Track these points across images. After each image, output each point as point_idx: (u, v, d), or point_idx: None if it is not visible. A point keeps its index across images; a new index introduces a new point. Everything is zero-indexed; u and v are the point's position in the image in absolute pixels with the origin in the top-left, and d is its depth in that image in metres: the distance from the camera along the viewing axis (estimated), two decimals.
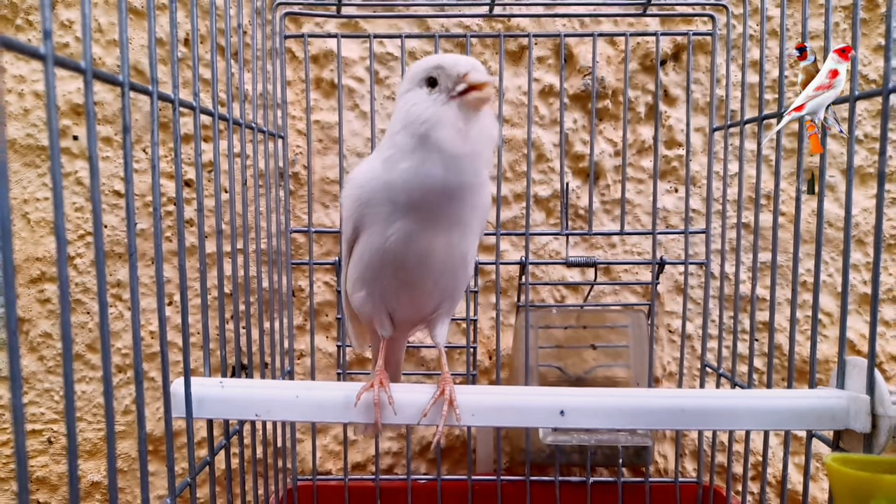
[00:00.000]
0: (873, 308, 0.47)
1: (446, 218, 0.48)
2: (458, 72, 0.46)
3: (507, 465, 0.83)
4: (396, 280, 0.50)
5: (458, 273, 0.51)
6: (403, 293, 0.51)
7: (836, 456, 0.42)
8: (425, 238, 0.48)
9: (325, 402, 0.50)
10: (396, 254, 0.48)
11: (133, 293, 0.38)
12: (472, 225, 0.50)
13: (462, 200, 0.47)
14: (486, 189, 0.51)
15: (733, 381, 0.67)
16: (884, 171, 0.45)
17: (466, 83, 0.46)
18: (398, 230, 0.48)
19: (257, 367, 0.77)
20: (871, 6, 0.78)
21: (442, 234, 0.48)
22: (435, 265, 0.49)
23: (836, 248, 0.80)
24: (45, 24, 0.28)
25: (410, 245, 0.48)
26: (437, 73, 0.47)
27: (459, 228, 0.49)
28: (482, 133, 0.47)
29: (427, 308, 0.53)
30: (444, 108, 0.46)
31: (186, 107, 0.46)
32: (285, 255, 0.72)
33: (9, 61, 0.76)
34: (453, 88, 0.46)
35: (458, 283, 0.52)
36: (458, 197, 0.47)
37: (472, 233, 0.51)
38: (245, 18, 0.73)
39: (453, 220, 0.48)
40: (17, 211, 0.78)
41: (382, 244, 0.48)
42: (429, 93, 0.47)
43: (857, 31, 0.49)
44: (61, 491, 0.82)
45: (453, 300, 0.53)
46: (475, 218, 0.50)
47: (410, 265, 0.49)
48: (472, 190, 0.48)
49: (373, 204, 0.48)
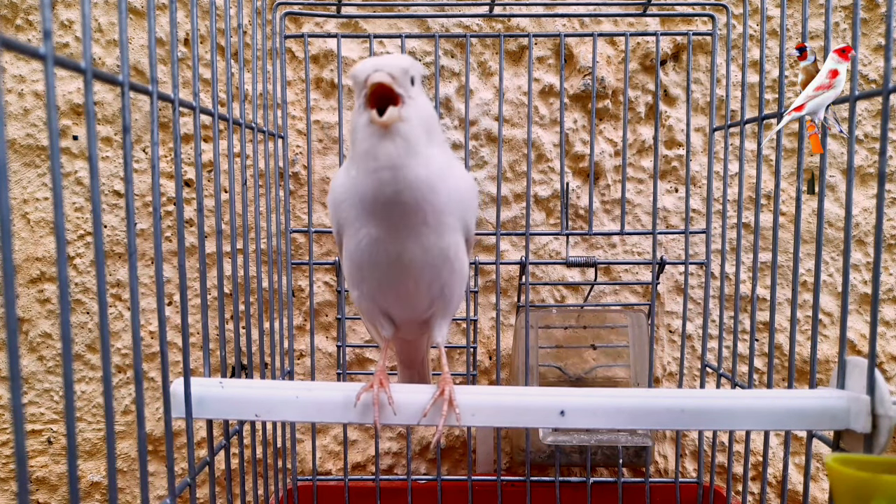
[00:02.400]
0: (874, 308, 0.46)
1: (403, 222, 0.46)
2: (361, 78, 0.45)
3: (507, 465, 0.83)
4: (377, 281, 0.50)
5: (440, 271, 0.49)
6: (389, 293, 0.51)
7: (837, 456, 0.42)
8: (392, 241, 0.47)
9: (324, 403, 0.49)
10: (370, 256, 0.48)
11: (133, 293, 0.38)
12: (446, 222, 0.48)
13: (410, 206, 0.46)
14: (454, 184, 0.48)
15: (733, 381, 0.67)
16: (884, 171, 0.45)
17: (367, 88, 0.44)
18: (365, 235, 0.48)
19: (257, 368, 0.77)
20: (871, 6, 0.78)
21: (409, 236, 0.47)
22: (411, 266, 0.48)
23: (837, 248, 0.80)
24: (45, 24, 0.28)
25: (379, 248, 0.48)
26: (351, 81, 0.47)
27: (431, 228, 0.47)
28: (396, 146, 0.44)
29: (419, 308, 0.52)
30: (360, 117, 0.45)
31: (186, 107, 0.46)
32: (285, 255, 0.72)
33: (9, 61, 0.76)
34: (361, 94, 0.45)
35: (448, 282, 0.51)
36: (399, 204, 0.45)
37: (449, 229, 0.48)
38: (245, 18, 0.73)
39: (416, 222, 0.47)
40: (17, 211, 0.78)
41: (357, 247, 0.48)
42: (356, 101, 0.46)
43: (857, 31, 0.49)
44: (61, 491, 0.82)
45: (446, 300, 0.52)
46: (448, 213, 0.48)
47: (383, 267, 0.49)
48: (418, 194, 0.45)
49: (343, 208, 0.48)
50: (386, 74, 0.44)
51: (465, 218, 0.50)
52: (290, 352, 0.73)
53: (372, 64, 0.45)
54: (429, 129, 0.46)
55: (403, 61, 0.45)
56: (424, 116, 0.46)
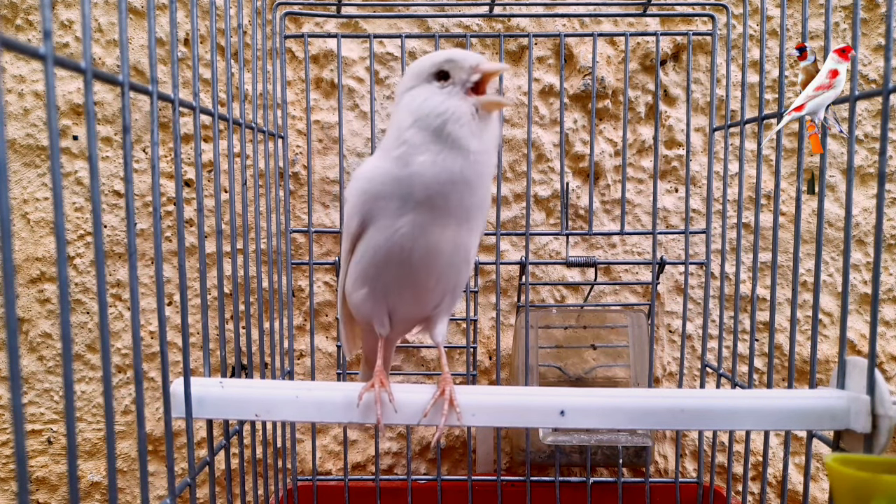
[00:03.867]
0: (873, 308, 0.47)
1: (457, 211, 0.48)
2: (470, 63, 0.46)
3: (507, 465, 0.83)
4: (400, 275, 0.50)
5: (460, 269, 0.51)
6: (406, 289, 0.51)
7: (837, 456, 0.42)
8: (434, 232, 0.48)
9: (324, 403, 0.49)
10: (403, 248, 0.48)
11: (133, 293, 0.38)
12: (478, 220, 0.50)
13: (475, 194, 0.48)
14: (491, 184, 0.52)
15: (733, 381, 0.67)
16: (884, 171, 0.45)
17: (480, 72, 0.46)
18: (408, 223, 0.47)
19: (257, 368, 0.77)
20: (871, 6, 0.78)
21: (450, 229, 0.48)
22: (440, 260, 0.49)
23: (837, 248, 0.80)
24: (45, 24, 0.28)
25: (418, 238, 0.48)
26: (448, 66, 0.47)
27: (467, 223, 0.49)
28: (491, 133, 0.48)
29: (429, 305, 0.53)
30: (460, 102, 0.46)
31: (186, 107, 0.46)
32: (285, 255, 0.72)
33: (9, 61, 0.76)
34: (468, 79, 0.47)
35: (460, 280, 0.52)
36: (472, 189, 0.47)
37: (476, 228, 0.51)
38: (245, 18, 0.74)
39: (463, 214, 0.48)
40: (17, 211, 0.78)
41: (390, 237, 0.48)
42: (441, 87, 0.47)
43: (857, 31, 0.49)
44: (61, 491, 0.82)
45: (454, 297, 0.54)
46: (481, 214, 0.51)
47: (416, 259, 0.49)
48: (483, 183, 0.48)
49: (382, 197, 0.48)
50: (495, 64, 0.47)
51: (485, 220, 0.52)
52: (290, 352, 0.73)
53: (474, 54, 0.47)
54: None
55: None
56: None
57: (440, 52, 0.49)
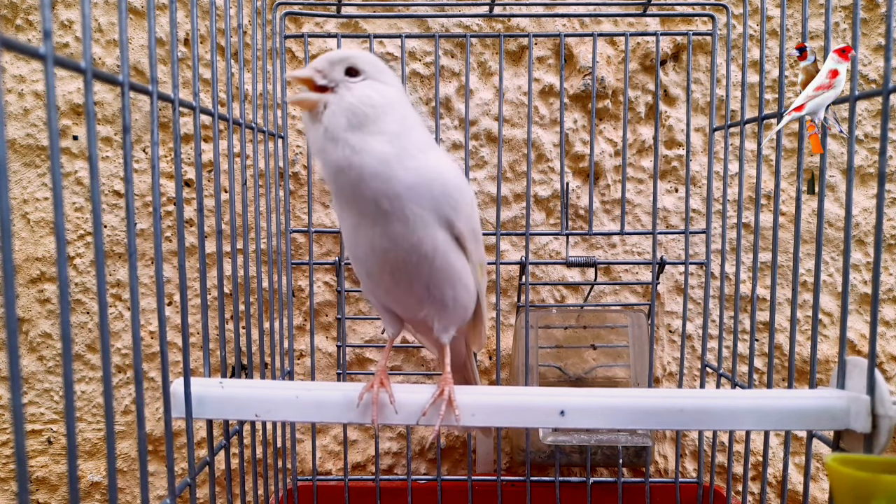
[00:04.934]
0: (874, 308, 0.46)
1: (368, 208, 0.46)
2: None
3: (507, 465, 0.83)
4: (366, 274, 0.51)
5: (420, 267, 0.48)
6: (378, 287, 0.52)
7: (837, 456, 0.42)
8: (364, 229, 0.48)
9: (324, 403, 0.50)
10: (351, 244, 0.50)
11: (133, 293, 0.38)
12: (413, 213, 0.46)
13: (371, 193, 0.45)
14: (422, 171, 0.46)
15: (733, 381, 0.67)
16: (884, 171, 0.45)
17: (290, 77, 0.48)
18: (345, 220, 0.49)
19: (257, 368, 0.77)
20: (871, 6, 0.78)
21: (378, 226, 0.46)
22: (386, 258, 0.48)
23: (837, 248, 0.80)
24: (45, 24, 0.28)
25: (357, 236, 0.49)
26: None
27: (395, 218, 0.46)
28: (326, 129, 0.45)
29: (410, 306, 0.52)
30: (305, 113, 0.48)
31: (186, 107, 0.46)
32: (285, 255, 0.72)
33: (9, 61, 0.76)
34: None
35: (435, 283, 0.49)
36: (362, 188, 0.45)
37: (421, 223, 0.46)
38: (245, 18, 0.73)
39: (379, 210, 0.46)
40: (17, 211, 0.78)
41: (345, 234, 0.50)
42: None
43: (857, 31, 0.49)
44: (61, 491, 0.82)
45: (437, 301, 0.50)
46: (415, 205, 0.46)
47: (362, 258, 0.49)
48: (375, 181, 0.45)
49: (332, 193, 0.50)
50: (309, 69, 0.47)
51: (444, 213, 0.47)
52: (290, 352, 0.73)
53: (331, 55, 0.47)
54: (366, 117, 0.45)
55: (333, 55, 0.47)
56: (355, 104, 0.45)
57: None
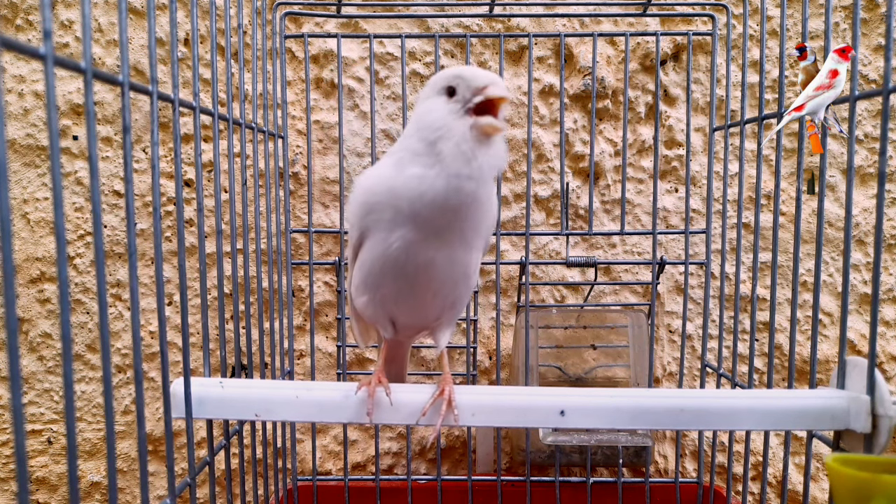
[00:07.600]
0: (874, 308, 0.47)
1: (447, 231, 0.47)
2: (477, 84, 0.45)
3: (507, 465, 0.83)
4: (397, 289, 0.50)
5: (458, 286, 0.50)
6: (403, 302, 0.51)
7: (837, 456, 0.42)
8: (426, 249, 0.47)
9: (324, 402, 0.50)
10: (397, 262, 0.48)
11: (133, 293, 0.38)
12: (474, 242, 0.49)
13: (462, 218, 0.46)
14: (492, 208, 0.50)
15: (733, 381, 0.67)
16: (884, 171, 0.45)
17: (483, 96, 0.45)
18: (400, 238, 0.47)
19: (257, 368, 0.77)
20: (871, 6, 0.78)
21: (444, 247, 0.48)
22: (435, 277, 0.48)
23: (837, 248, 0.80)
24: (45, 24, 0.28)
25: (411, 255, 0.47)
26: (456, 82, 0.46)
27: (462, 243, 0.48)
28: (489, 159, 0.45)
29: (428, 317, 0.53)
30: (457, 120, 0.45)
31: (186, 107, 0.46)
32: (285, 255, 0.72)
33: (9, 61, 0.76)
34: (470, 99, 0.45)
35: (460, 296, 0.52)
36: (457, 214, 0.46)
37: (475, 249, 0.50)
38: (245, 18, 0.74)
39: (454, 234, 0.47)
40: (17, 211, 0.78)
41: (385, 251, 0.48)
42: (446, 101, 0.46)
43: (857, 31, 0.49)
44: (61, 491, 0.82)
45: (455, 311, 0.53)
46: (478, 236, 0.49)
47: (410, 275, 0.48)
48: (473, 209, 0.46)
49: (378, 210, 0.48)
50: (505, 90, 0.45)
51: (488, 239, 0.52)
52: (290, 352, 0.73)
53: (488, 75, 0.46)
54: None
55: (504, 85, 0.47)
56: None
57: (456, 67, 0.49)
